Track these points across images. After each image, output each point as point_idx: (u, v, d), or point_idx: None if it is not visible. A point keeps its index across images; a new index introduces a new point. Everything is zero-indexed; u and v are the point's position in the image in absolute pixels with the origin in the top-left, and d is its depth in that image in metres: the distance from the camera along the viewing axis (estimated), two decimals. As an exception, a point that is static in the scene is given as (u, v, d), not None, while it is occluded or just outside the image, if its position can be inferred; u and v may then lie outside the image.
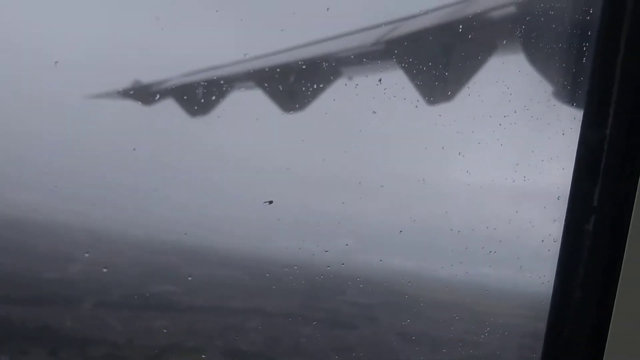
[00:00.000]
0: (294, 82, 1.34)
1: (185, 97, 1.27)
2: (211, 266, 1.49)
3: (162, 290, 1.48)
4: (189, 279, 1.41)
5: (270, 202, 1.35)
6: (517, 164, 1.56)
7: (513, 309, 1.79)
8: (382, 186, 1.50)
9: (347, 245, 1.47)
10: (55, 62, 1.15)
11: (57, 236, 1.38)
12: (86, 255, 1.32)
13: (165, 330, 1.47)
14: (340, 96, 1.37)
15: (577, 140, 1.48)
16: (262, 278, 1.53)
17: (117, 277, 1.35)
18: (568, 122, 1.53)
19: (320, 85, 1.33)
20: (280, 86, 1.34)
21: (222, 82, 1.26)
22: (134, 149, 1.23)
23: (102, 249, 1.38)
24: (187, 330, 1.51)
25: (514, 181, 1.56)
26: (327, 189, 1.46)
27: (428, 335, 1.70)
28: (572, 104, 1.55)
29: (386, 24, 1.41)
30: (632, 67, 1.42)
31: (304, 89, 1.33)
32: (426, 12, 1.36)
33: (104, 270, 1.30)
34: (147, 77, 1.27)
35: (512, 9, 1.52)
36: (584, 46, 1.52)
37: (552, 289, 1.48)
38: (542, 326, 1.51)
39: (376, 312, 1.73)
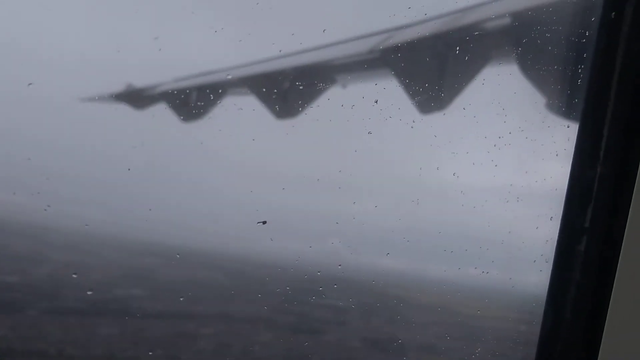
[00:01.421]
0: (288, 89, 1.34)
1: (178, 102, 1.27)
2: (191, 268, 1.45)
3: (125, 295, 1.41)
4: (162, 281, 1.37)
5: (264, 223, 1.34)
6: (511, 185, 1.56)
7: (505, 331, 1.77)
8: (375, 206, 1.50)
9: (339, 266, 1.46)
10: (29, 84, 1.16)
11: (33, 237, 1.34)
12: (58, 257, 1.28)
13: (107, 339, 1.38)
14: (333, 112, 1.37)
15: (571, 162, 1.48)
16: (241, 280, 1.50)
17: (83, 280, 1.27)
18: (562, 144, 1.53)
19: (313, 94, 1.34)
20: (274, 93, 1.34)
21: (216, 87, 1.27)
22: (128, 150, 1.23)
23: (78, 251, 1.34)
24: (131, 338, 1.41)
25: (507, 201, 1.56)
26: (322, 199, 1.46)
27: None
28: (567, 126, 1.56)
29: (381, 32, 1.42)
30: (627, 90, 1.42)
31: (297, 96, 1.33)
32: (422, 22, 1.37)
33: (73, 273, 1.26)
34: (140, 81, 1.27)
35: (507, 21, 1.53)
36: (579, 67, 1.53)
37: (543, 309, 1.47)
38: (532, 349, 1.49)
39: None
